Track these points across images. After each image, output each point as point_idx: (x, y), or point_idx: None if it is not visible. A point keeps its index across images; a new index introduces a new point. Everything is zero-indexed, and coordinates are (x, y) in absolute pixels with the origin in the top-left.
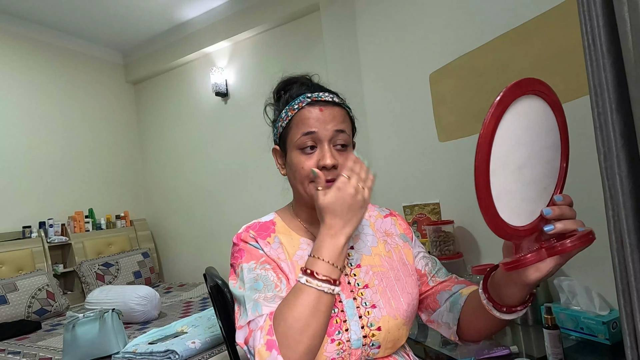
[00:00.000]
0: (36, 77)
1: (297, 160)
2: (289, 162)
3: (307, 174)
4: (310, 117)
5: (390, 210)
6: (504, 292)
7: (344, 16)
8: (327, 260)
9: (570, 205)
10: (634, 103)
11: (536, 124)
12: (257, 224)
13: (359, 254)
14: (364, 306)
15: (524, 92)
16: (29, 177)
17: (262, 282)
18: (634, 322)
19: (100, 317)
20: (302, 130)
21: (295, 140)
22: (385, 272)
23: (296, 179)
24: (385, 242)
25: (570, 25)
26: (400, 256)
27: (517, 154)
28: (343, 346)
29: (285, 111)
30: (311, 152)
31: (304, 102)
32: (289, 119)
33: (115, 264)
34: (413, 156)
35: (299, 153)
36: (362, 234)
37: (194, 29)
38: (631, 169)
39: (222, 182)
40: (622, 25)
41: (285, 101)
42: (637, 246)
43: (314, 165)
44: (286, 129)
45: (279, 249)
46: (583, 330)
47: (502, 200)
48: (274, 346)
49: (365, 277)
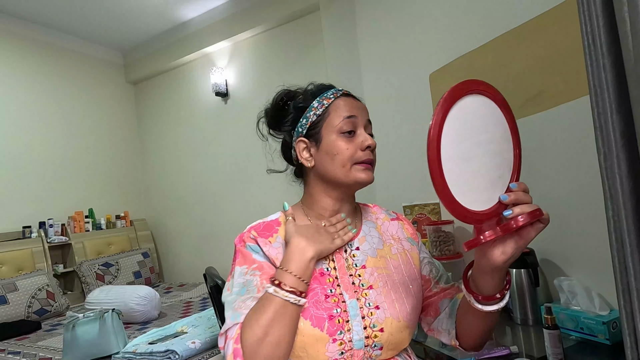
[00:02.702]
0: (36, 77)
1: (339, 144)
2: (325, 148)
3: (351, 155)
4: (348, 104)
5: (397, 214)
6: (480, 283)
7: (344, 16)
8: (295, 274)
9: (526, 191)
10: (634, 103)
11: (479, 120)
12: (262, 223)
13: (364, 255)
14: (368, 307)
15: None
16: (29, 177)
17: (246, 288)
18: (634, 322)
19: (100, 317)
20: (342, 114)
21: (336, 124)
22: (390, 275)
23: (336, 162)
24: (392, 245)
25: (570, 25)
26: (407, 259)
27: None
28: (345, 346)
29: (318, 101)
30: (352, 137)
31: (338, 93)
32: (324, 107)
33: (115, 264)
34: (413, 156)
35: (340, 137)
36: (368, 236)
37: (194, 29)
38: (631, 169)
39: (222, 182)
40: (622, 26)
41: (310, 94)
42: (637, 246)
43: (357, 147)
44: (322, 116)
45: (280, 248)
46: (583, 330)
47: (458, 187)
48: (239, 354)
49: (370, 278)
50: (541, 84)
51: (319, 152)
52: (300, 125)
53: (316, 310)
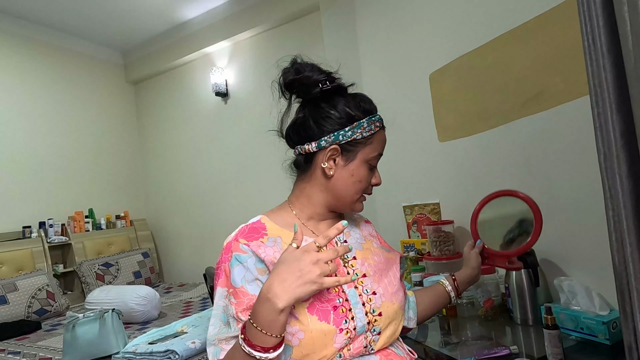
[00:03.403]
0: (36, 77)
1: (364, 174)
2: (352, 169)
3: (364, 187)
4: (382, 140)
5: (367, 219)
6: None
7: (344, 16)
8: (260, 329)
9: None
10: (634, 103)
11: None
12: (245, 228)
13: (353, 248)
14: (366, 293)
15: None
16: (29, 177)
17: (226, 315)
18: (634, 322)
19: (100, 317)
20: (379, 150)
21: (370, 156)
22: (377, 264)
23: (352, 188)
24: (371, 241)
25: (570, 25)
26: (384, 253)
27: None
28: (350, 334)
29: (367, 122)
30: (372, 171)
31: (380, 124)
32: (371, 133)
33: (115, 264)
34: (413, 156)
35: (366, 168)
36: (352, 231)
37: (194, 29)
38: (631, 169)
39: (222, 182)
40: (622, 25)
41: (358, 108)
42: (637, 246)
43: (369, 182)
44: (365, 139)
45: (275, 247)
46: (583, 330)
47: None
48: None
49: (362, 267)
50: (541, 84)
51: (344, 168)
52: (344, 133)
53: (321, 304)
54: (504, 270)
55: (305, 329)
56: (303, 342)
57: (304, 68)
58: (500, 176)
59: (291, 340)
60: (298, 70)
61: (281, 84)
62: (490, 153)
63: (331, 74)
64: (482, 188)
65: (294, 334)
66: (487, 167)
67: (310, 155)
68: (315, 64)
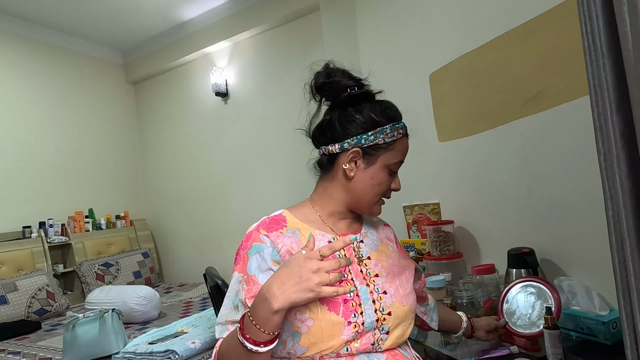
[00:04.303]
0: (36, 77)
1: (384, 178)
2: (372, 173)
3: (383, 191)
4: (404, 147)
5: (386, 222)
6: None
7: (344, 16)
8: (255, 324)
9: None
10: (634, 103)
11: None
12: (267, 219)
13: (368, 248)
14: (377, 292)
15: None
16: (29, 177)
17: (237, 299)
18: (634, 322)
19: (100, 317)
20: (399, 157)
21: (391, 162)
22: (391, 267)
23: (371, 190)
24: (388, 244)
25: (570, 25)
26: (399, 259)
27: None
28: (358, 329)
29: (390, 128)
30: (392, 176)
31: (403, 131)
32: (394, 139)
33: (115, 264)
34: (413, 156)
35: (387, 172)
36: (368, 233)
37: (194, 29)
38: (631, 169)
39: (222, 182)
40: (622, 25)
41: (383, 114)
42: (637, 246)
43: (389, 187)
44: (387, 145)
45: (293, 238)
46: (583, 330)
47: None
48: None
49: (375, 268)
50: (541, 84)
51: (365, 171)
52: (367, 137)
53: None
54: (504, 270)
55: (315, 317)
56: (312, 330)
57: (335, 73)
58: (500, 176)
59: (300, 327)
60: (329, 74)
61: (312, 87)
62: (490, 153)
63: (360, 81)
64: (482, 188)
65: (304, 321)
66: (487, 167)
67: (333, 156)
68: (346, 70)
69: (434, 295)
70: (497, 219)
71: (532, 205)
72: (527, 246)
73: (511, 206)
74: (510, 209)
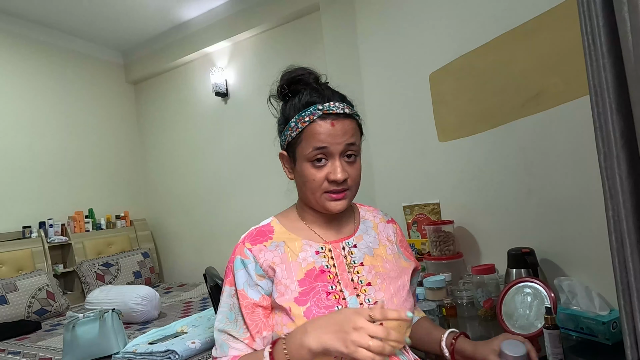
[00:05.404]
0: (36, 77)
1: (307, 172)
2: (299, 171)
3: (319, 185)
4: (322, 131)
5: (391, 217)
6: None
7: (344, 16)
8: (286, 354)
9: None
10: (634, 103)
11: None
12: (254, 231)
13: (362, 253)
14: (367, 303)
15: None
16: (29, 177)
17: (234, 313)
18: (634, 322)
19: (100, 317)
20: (313, 144)
21: (306, 153)
22: (387, 272)
23: (307, 188)
24: (387, 246)
25: (570, 25)
26: (399, 260)
27: None
28: None
29: (294, 121)
30: (321, 165)
31: (315, 115)
32: (299, 130)
33: (115, 264)
34: (413, 156)
35: (309, 165)
36: (365, 235)
37: (194, 29)
38: (631, 169)
39: (222, 182)
40: (622, 26)
41: (295, 107)
42: (637, 246)
43: (324, 177)
44: (296, 139)
45: (276, 252)
46: (583, 330)
47: None
48: None
49: (367, 275)
50: (541, 84)
51: (295, 171)
52: (283, 137)
53: (318, 310)
54: (504, 270)
55: None
56: None
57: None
58: (500, 176)
59: None
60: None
61: None
62: (490, 153)
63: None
64: (482, 188)
65: None
66: (487, 167)
67: None
68: (284, 71)
69: (434, 296)
70: (497, 219)
71: (532, 205)
72: (527, 246)
73: (511, 206)
74: (510, 209)
